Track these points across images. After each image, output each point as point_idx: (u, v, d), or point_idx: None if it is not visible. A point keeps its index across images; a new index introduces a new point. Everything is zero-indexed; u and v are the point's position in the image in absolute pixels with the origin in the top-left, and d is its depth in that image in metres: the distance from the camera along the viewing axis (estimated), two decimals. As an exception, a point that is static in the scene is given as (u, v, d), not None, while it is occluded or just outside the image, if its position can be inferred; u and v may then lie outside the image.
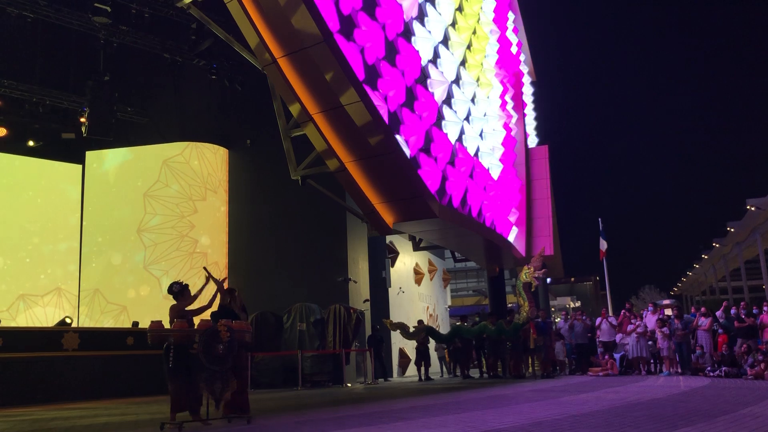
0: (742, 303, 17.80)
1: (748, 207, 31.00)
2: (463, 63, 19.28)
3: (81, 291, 22.05)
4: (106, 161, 22.84)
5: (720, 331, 16.53)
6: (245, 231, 22.00)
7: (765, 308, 16.11)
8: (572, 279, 75.05)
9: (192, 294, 8.51)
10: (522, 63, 29.22)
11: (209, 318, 8.46)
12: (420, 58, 15.99)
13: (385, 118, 13.82)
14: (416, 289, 25.06)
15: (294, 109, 13.81)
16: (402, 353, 22.66)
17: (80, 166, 22.82)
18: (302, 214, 20.20)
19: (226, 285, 9.39)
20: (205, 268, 9.47)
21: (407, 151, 14.42)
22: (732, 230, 37.56)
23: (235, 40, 15.29)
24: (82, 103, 21.11)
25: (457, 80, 18.48)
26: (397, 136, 14.16)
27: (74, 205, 22.62)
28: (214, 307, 8.88)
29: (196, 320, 8.29)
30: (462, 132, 18.06)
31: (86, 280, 22.06)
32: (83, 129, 20.75)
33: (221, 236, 22.37)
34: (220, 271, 21.58)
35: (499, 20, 26.06)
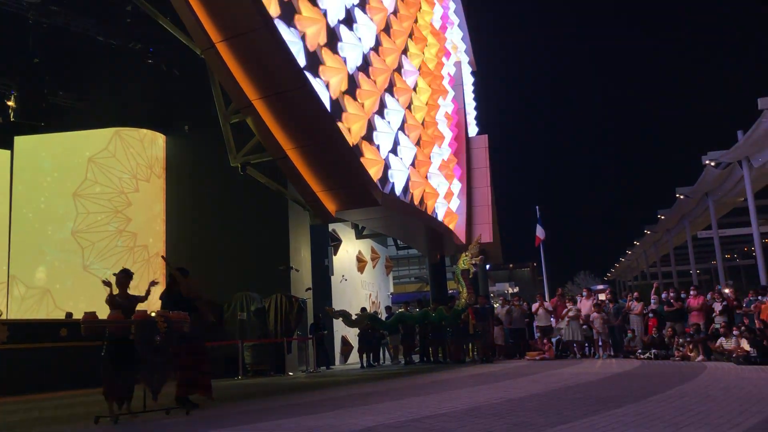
0: (671, 288, 18.55)
1: (677, 195, 32.22)
2: (405, 51, 19.32)
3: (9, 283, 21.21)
4: (37, 147, 21.94)
5: (651, 315, 17.18)
6: (184, 220, 21.56)
7: (692, 293, 16.83)
8: (511, 265, 76.60)
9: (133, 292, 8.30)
10: (462, 52, 29.49)
11: (156, 308, 8.34)
12: (362, 46, 15.95)
13: (327, 105, 13.76)
14: (359, 276, 25.12)
15: (233, 94, 13.59)
16: (344, 341, 22.72)
17: (8, 152, 21.87)
18: (242, 202, 19.92)
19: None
20: (163, 257, 9.31)
21: (349, 139, 14.39)
22: (662, 218, 38.98)
23: (172, 23, 14.90)
24: (10, 87, 20.21)
25: (399, 69, 18.52)
26: (339, 124, 14.12)
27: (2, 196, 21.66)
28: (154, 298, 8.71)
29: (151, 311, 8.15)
30: (404, 120, 18.14)
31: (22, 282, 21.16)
32: (11, 113, 19.88)
33: (159, 226, 21.87)
34: (161, 262, 21.11)
35: (441, 9, 26.22)
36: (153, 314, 7.96)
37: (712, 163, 25.50)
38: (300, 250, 20.44)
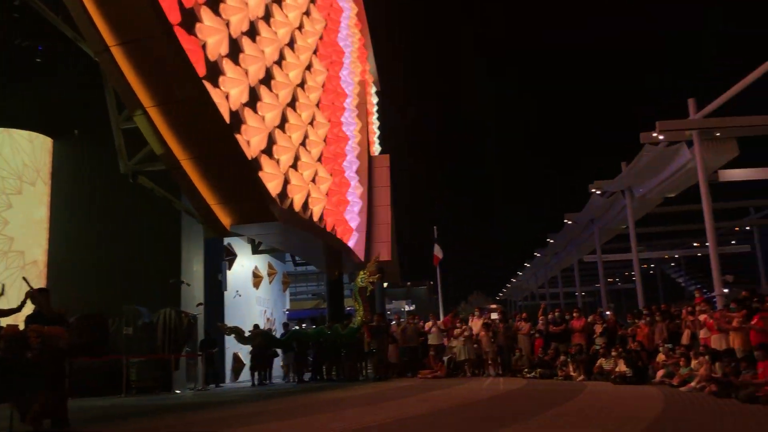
0: (557, 309, 19.34)
1: (566, 221, 33.78)
2: (309, 67, 19.28)
3: None
4: None
5: (537, 335, 17.81)
6: (69, 228, 20.37)
7: (575, 314, 17.62)
8: (409, 284, 77.55)
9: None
10: (368, 72, 29.80)
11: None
12: (265, 59, 15.77)
13: (226, 116, 13.48)
14: (254, 292, 24.62)
15: (127, 100, 13.06)
16: (236, 358, 22.14)
17: None
18: (133, 212, 19.05)
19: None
20: (24, 278, 8.66)
21: (248, 152, 14.14)
22: (551, 241, 40.73)
23: (63, 22, 14.17)
24: None
25: (302, 84, 18.45)
26: (238, 136, 13.86)
27: None
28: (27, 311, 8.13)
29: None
30: (306, 136, 18.05)
31: None
32: None
33: (40, 233, 20.58)
34: (39, 270, 19.84)
35: (347, 28, 26.42)
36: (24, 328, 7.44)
37: (598, 192, 26.91)
38: (192, 263, 19.81)
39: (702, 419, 7.90)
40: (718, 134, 17.81)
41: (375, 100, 31.65)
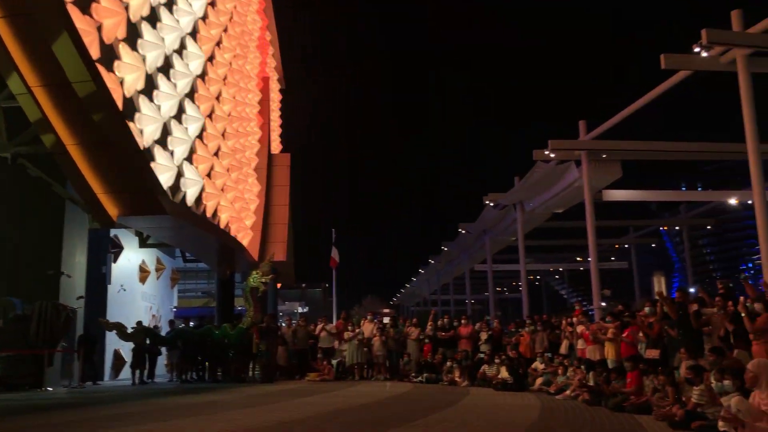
0: (446, 316, 19.78)
1: (460, 230, 34.65)
2: (211, 59, 18.78)
3: None
4: None
5: (426, 340, 18.12)
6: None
7: (463, 321, 18.09)
8: (303, 285, 77.06)
9: None
10: (272, 68, 29.40)
11: None
12: (165, 47, 15.21)
13: (119, 103, 12.88)
14: (140, 287, 23.63)
15: (10, 77, 12.22)
16: (117, 355, 21.17)
17: None
18: (10, 196, 17.82)
19: None
20: None
21: (140, 141, 13.58)
22: (446, 249, 41.65)
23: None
24: None
25: (203, 76, 17.94)
26: (131, 124, 13.28)
27: None
28: None
29: None
30: (203, 129, 17.55)
31: None
32: None
33: None
34: None
35: (252, 23, 25.98)
36: None
37: (492, 204, 27.76)
38: (75, 254, 18.75)
39: (573, 426, 8.28)
40: (604, 156, 18.80)
41: (278, 97, 31.28)
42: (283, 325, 19.93)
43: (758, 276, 10.84)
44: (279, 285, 32.77)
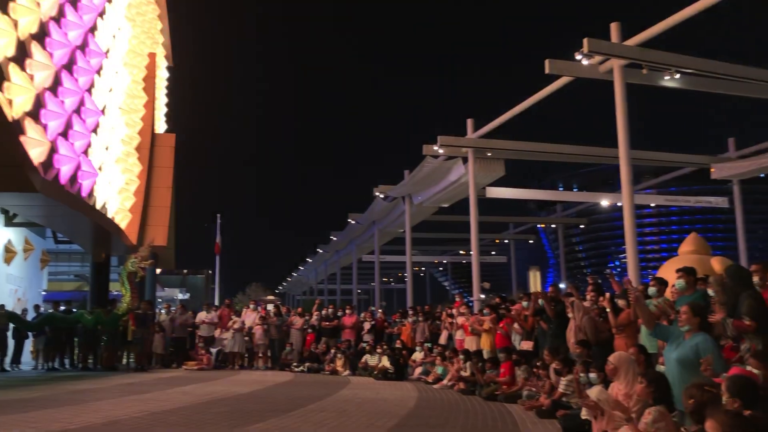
0: (330, 305, 19.80)
1: (349, 220, 34.73)
2: (93, 30, 17.70)
3: None
4: None
5: (310, 330, 18.06)
6: None
7: (347, 311, 18.20)
8: (185, 271, 74.79)
9: None
10: (159, 45, 28.12)
11: None
12: (39, 12, 14.15)
13: (-15, 69, 11.85)
14: (5, 269, 21.98)
15: None
16: (-25, 341, 19.62)
17: None
18: None
19: None
20: None
21: (8, 112, 12.58)
22: (334, 239, 41.66)
23: None
24: None
25: (83, 47, 16.87)
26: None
27: None
28: None
29: None
30: (81, 103, 16.53)
31: None
32: None
33: None
34: None
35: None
36: None
37: (382, 196, 28.01)
38: (-71, 231, 17.20)
39: (447, 415, 8.52)
40: (489, 154, 19.41)
41: (165, 75, 30.02)
42: (162, 312, 19.21)
43: (624, 273, 11.61)
44: (158, 270, 31.56)
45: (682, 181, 38.58)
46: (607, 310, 8.65)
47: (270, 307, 19.46)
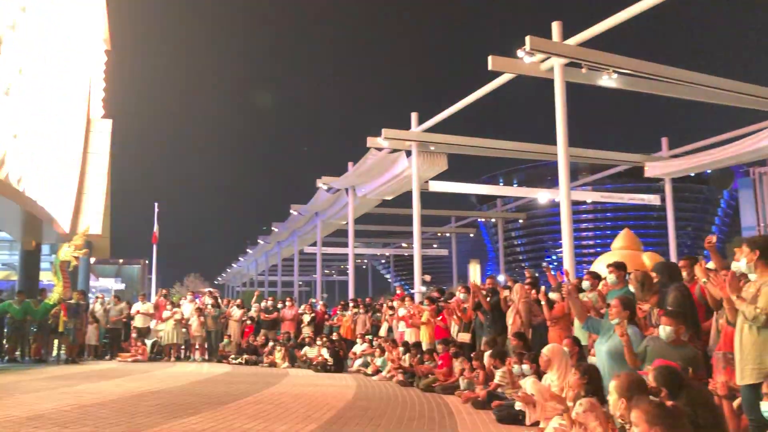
0: (270, 297, 19.62)
1: (291, 211, 34.46)
2: (23, 8, 16.93)
3: None
4: None
5: (249, 322, 17.86)
6: None
7: (288, 303, 18.06)
8: (120, 261, 72.87)
9: None
10: (96, 28, 27.16)
11: None
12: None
13: None
14: (-75, 256, 21.01)
15: None
16: None
17: None
18: None
19: None
20: None
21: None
22: (276, 230, 41.28)
23: None
24: None
25: (13, 25, 16.13)
26: None
27: None
28: None
29: None
30: (10, 83, 15.81)
31: None
32: None
33: None
34: None
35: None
36: None
37: (325, 187, 27.88)
38: None
39: (384, 406, 8.55)
40: (432, 148, 19.54)
41: (103, 59, 29.04)
42: (97, 302, 18.62)
43: (560, 267, 11.92)
44: (93, 260, 30.62)
45: (617, 179, 39.84)
46: (542, 303, 8.82)
47: (208, 299, 19.09)
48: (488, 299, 10.62)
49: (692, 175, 21.63)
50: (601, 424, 4.69)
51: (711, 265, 6.52)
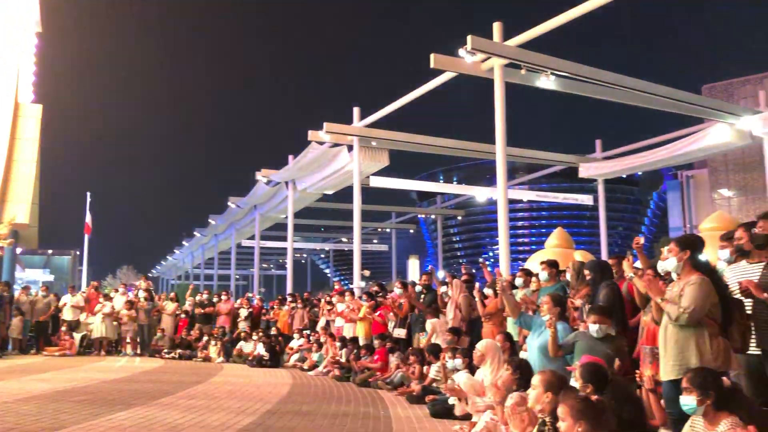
0: (206, 291, 19.29)
1: (229, 204, 33.92)
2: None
3: None
4: None
5: (183, 315, 17.51)
6: None
7: (224, 297, 17.79)
8: (50, 251, 70.32)
9: None
10: (27, 9, 26.04)
11: None
12: None
13: None
14: None
15: None
16: None
17: None
18: None
19: None
20: None
21: None
22: (213, 222, 40.56)
23: None
24: None
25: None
26: None
27: None
28: None
29: None
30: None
31: None
32: None
33: None
34: None
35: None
36: None
37: (264, 180, 27.54)
38: None
39: (319, 401, 8.54)
40: (374, 144, 19.55)
41: (34, 41, 27.88)
42: (23, 294, 17.88)
43: (496, 264, 12.12)
44: (19, 250, 29.41)
45: (552, 178, 40.83)
46: (476, 299, 8.95)
47: (141, 293, 18.61)
48: (424, 296, 10.76)
49: (624, 176, 22.34)
50: (523, 421, 4.79)
51: (638, 264, 6.76)
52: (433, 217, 42.48)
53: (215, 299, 17.98)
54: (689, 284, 4.59)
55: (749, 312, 4.81)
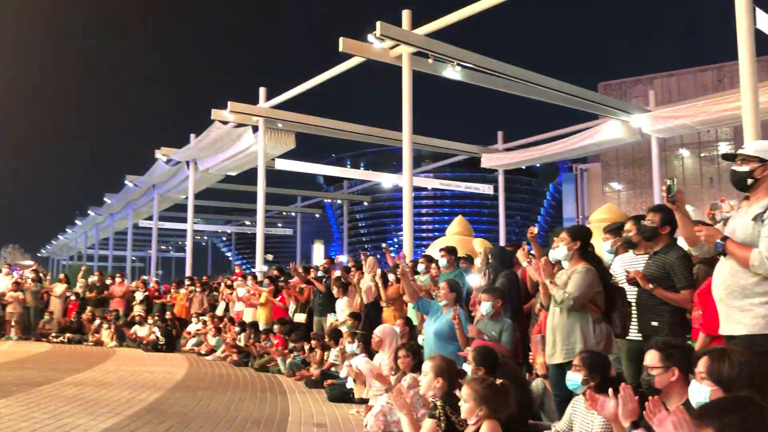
0: (98, 272, 18.51)
1: (126, 183, 32.54)
2: None
3: None
4: None
5: (73, 297, 16.71)
6: None
7: (118, 279, 17.10)
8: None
9: None
10: None
11: None
12: None
13: None
14: None
15: None
16: None
17: None
18: None
19: None
20: None
21: None
22: (109, 202, 38.83)
23: None
24: None
25: None
26: None
27: None
28: None
29: None
30: None
31: None
32: None
33: None
34: None
35: None
36: None
37: (164, 158, 26.58)
38: None
39: (216, 386, 8.38)
40: (280, 125, 19.25)
41: None
42: None
43: (401, 249, 12.25)
44: None
45: (456, 168, 41.70)
46: (378, 284, 9.02)
47: (27, 273, 17.58)
48: (324, 281, 10.76)
49: (523, 168, 23.12)
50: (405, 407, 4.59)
51: (533, 252, 7.01)
52: (339, 202, 42.39)
53: (108, 281, 17.26)
54: (576, 272, 4.83)
55: (631, 300, 5.10)
